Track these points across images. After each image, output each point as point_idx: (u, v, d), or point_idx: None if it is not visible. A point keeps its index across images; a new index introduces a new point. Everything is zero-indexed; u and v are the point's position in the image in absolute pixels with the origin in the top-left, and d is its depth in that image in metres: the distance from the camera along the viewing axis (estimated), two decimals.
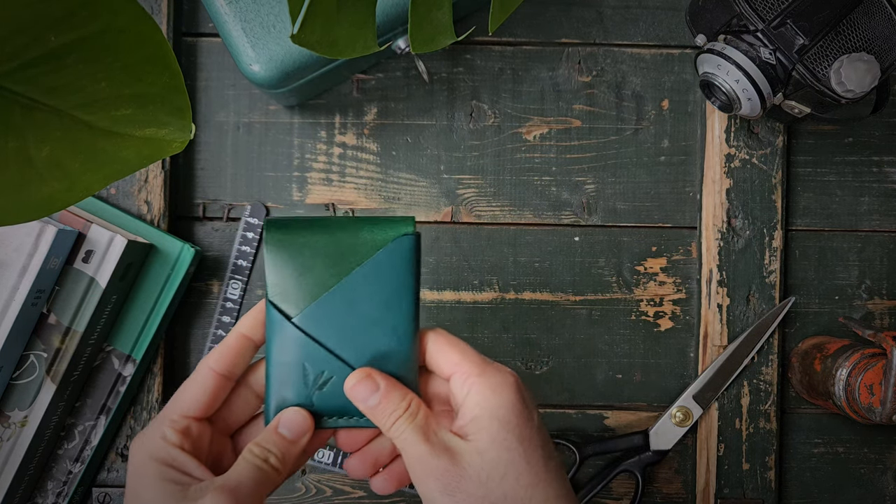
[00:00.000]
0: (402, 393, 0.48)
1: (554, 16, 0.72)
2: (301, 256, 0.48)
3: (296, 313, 0.48)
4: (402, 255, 0.49)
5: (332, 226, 0.49)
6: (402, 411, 0.47)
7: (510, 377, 0.48)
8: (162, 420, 0.47)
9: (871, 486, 0.73)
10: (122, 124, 0.38)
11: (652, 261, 0.73)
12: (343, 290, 0.48)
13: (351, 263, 0.49)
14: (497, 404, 0.46)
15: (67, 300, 0.63)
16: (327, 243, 0.49)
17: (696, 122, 0.72)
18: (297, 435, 0.48)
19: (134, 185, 0.69)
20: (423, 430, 0.47)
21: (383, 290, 0.49)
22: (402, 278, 0.49)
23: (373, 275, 0.48)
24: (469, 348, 0.49)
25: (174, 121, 0.39)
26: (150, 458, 0.46)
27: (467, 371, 0.47)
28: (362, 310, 0.48)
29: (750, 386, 0.71)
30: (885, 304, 0.73)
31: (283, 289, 0.48)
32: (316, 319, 0.48)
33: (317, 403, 0.48)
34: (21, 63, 0.34)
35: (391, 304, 0.49)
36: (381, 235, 0.49)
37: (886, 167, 0.73)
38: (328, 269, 0.48)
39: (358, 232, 0.49)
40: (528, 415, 0.47)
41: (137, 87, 0.37)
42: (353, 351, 0.48)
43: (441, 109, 0.72)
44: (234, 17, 0.62)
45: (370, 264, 0.49)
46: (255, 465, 0.46)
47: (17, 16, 0.33)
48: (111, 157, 0.38)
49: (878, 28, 0.61)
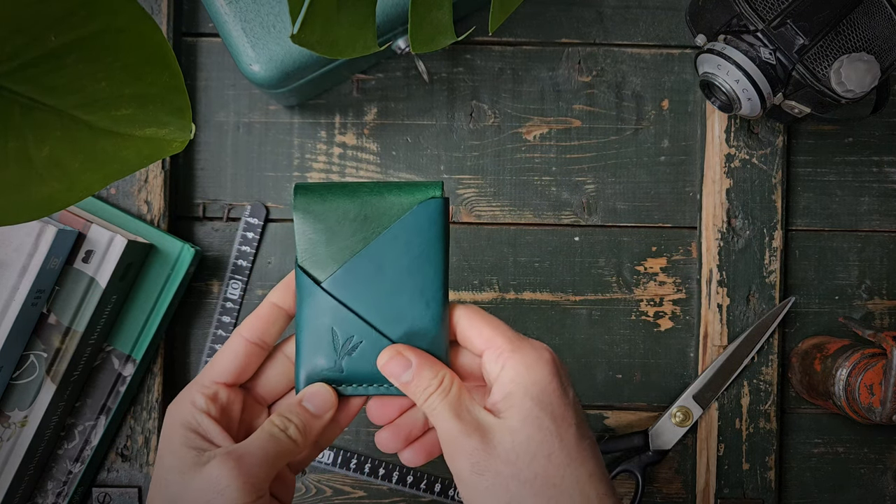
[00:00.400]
0: (434, 369, 0.47)
1: (554, 16, 0.72)
2: (329, 221, 0.48)
3: (324, 278, 0.48)
4: (429, 219, 0.48)
5: (359, 190, 0.49)
6: (434, 387, 0.46)
7: (545, 353, 0.47)
8: (193, 385, 0.47)
9: (871, 486, 0.73)
10: (122, 124, 0.38)
11: (652, 261, 0.73)
12: (370, 254, 0.48)
13: (378, 227, 0.48)
14: (531, 381, 0.45)
15: (67, 300, 0.63)
16: (354, 207, 0.48)
17: (696, 122, 0.72)
18: (321, 410, 0.48)
19: (134, 185, 0.69)
20: (454, 407, 0.46)
21: (410, 253, 0.48)
22: (429, 242, 0.48)
23: (399, 238, 0.48)
24: (502, 324, 0.48)
25: (174, 121, 0.39)
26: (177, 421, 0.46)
27: (500, 346, 0.47)
28: (390, 274, 0.48)
29: (750, 386, 0.71)
30: (885, 304, 0.73)
31: (312, 253, 0.48)
32: (344, 284, 0.48)
33: (346, 369, 0.48)
34: (21, 63, 0.34)
35: (418, 268, 0.48)
36: (407, 199, 0.48)
37: (886, 167, 0.73)
38: (356, 233, 0.48)
39: (385, 195, 0.48)
40: (563, 392, 0.46)
41: (137, 86, 0.37)
42: (381, 315, 0.48)
43: (441, 109, 0.72)
44: (234, 17, 0.62)
45: (396, 227, 0.48)
46: (270, 434, 0.46)
47: (17, 15, 0.33)
48: (111, 157, 0.38)
49: (878, 28, 0.61)
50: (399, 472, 0.71)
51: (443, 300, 0.49)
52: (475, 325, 0.48)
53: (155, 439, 0.70)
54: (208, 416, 0.46)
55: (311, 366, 0.48)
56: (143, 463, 0.70)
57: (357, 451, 0.72)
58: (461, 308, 0.49)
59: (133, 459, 0.70)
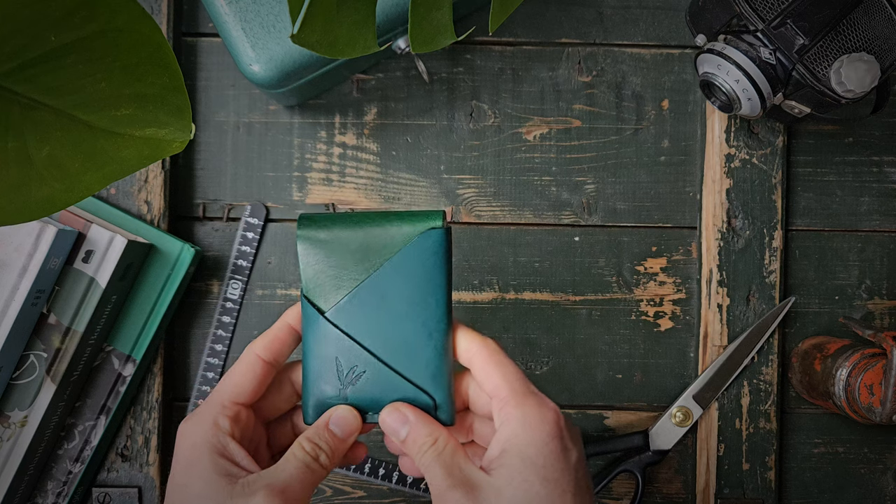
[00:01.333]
0: (430, 427, 0.47)
1: (554, 16, 0.72)
2: (332, 251, 0.49)
3: (328, 308, 0.49)
4: (430, 249, 0.49)
5: (362, 220, 0.50)
6: (428, 445, 0.47)
7: (550, 413, 0.46)
8: (213, 405, 0.47)
9: (871, 486, 0.73)
10: (122, 124, 0.38)
11: (652, 261, 0.73)
12: (373, 285, 0.49)
13: (380, 258, 0.49)
14: (527, 441, 0.45)
15: (67, 300, 0.63)
16: (357, 238, 0.49)
17: (696, 122, 0.72)
18: (346, 433, 0.48)
19: (134, 185, 0.69)
20: (447, 464, 0.46)
21: (412, 284, 0.49)
22: (431, 272, 0.49)
23: (402, 269, 0.49)
24: (514, 371, 0.47)
25: (174, 121, 0.39)
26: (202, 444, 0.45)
27: (506, 399, 0.46)
28: (393, 304, 0.49)
29: (750, 386, 0.71)
30: (885, 304, 0.73)
31: (317, 284, 0.49)
32: (347, 314, 0.49)
33: (350, 398, 0.49)
34: (21, 63, 0.34)
35: (420, 298, 0.49)
36: (409, 229, 0.49)
37: (886, 167, 0.73)
38: (358, 263, 0.49)
39: (387, 226, 0.49)
40: (563, 455, 0.45)
41: (137, 87, 0.37)
42: (384, 346, 0.49)
43: (441, 109, 0.72)
44: (234, 17, 0.62)
45: (398, 258, 0.49)
46: (305, 464, 0.46)
47: (17, 16, 0.33)
48: (111, 157, 0.38)
49: (878, 28, 0.61)
50: (399, 473, 0.71)
51: (446, 330, 0.49)
52: (487, 371, 0.48)
53: (155, 439, 0.70)
54: (233, 440, 0.46)
55: (319, 393, 0.49)
56: (143, 463, 0.70)
57: None
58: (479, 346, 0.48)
59: (133, 459, 0.70)
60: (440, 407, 0.49)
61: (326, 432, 0.48)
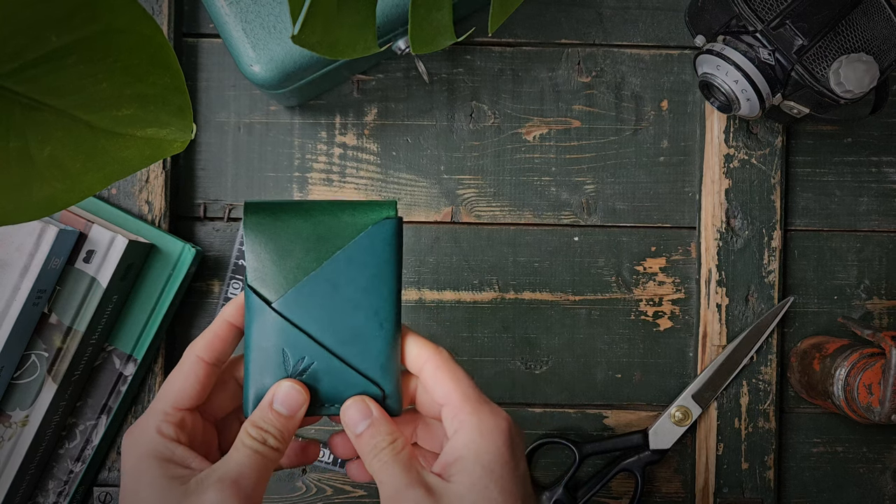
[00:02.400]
0: (391, 427, 0.47)
1: (554, 16, 0.73)
2: (280, 239, 0.48)
3: (275, 298, 0.47)
4: (383, 239, 0.48)
5: (312, 209, 0.48)
6: (386, 444, 0.46)
7: (503, 422, 0.46)
8: (154, 413, 0.46)
9: (870, 485, 0.73)
10: (123, 124, 0.38)
11: (651, 261, 0.73)
12: (324, 275, 0.48)
13: (332, 247, 0.48)
14: (484, 449, 0.45)
15: (69, 300, 0.63)
16: (307, 226, 0.48)
17: (696, 123, 0.73)
18: (293, 409, 0.46)
19: (135, 186, 0.69)
20: (405, 464, 0.45)
21: (364, 274, 0.48)
22: (383, 263, 0.48)
23: (354, 259, 0.48)
24: (466, 379, 0.47)
25: (175, 121, 0.39)
26: (147, 454, 0.44)
27: (459, 406, 0.46)
28: (343, 294, 0.47)
29: (749, 385, 0.71)
30: (884, 304, 0.73)
31: (263, 273, 0.47)
32: (296, 304, 0.47)
33: None
34: (22, 63, 0.35)
35: (373, 288, 0.48)
36: (362, 219, 0.48)
37: (885, 167, 0.73)
38: (308, 252, 0.48)
39: (339, 215, 0.48)
40: (515, 465, 0.45)
41: (138, 87, 0.37)
42: (334, 336, 0.47)
43: (441, 110, 0.72)
44: (235, 17, 0.62)
45: (351, 248, 0.48)
46: (253, 450, 0.45)
47: (18, 16, 0.33)
48: (112, 158, 0.38)
49: (877, 28, 0.61)
50: None
51: (395, 320, 0.48)
52: (438, 377, 0.47)
53: None
54: (179, 444, 0.45)
55: (260, 385, 0.47)
56: None
57: None
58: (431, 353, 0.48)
59: None
60: (389, 397, 0.48)
61: (271, 413, 0.46)
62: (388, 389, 0.48)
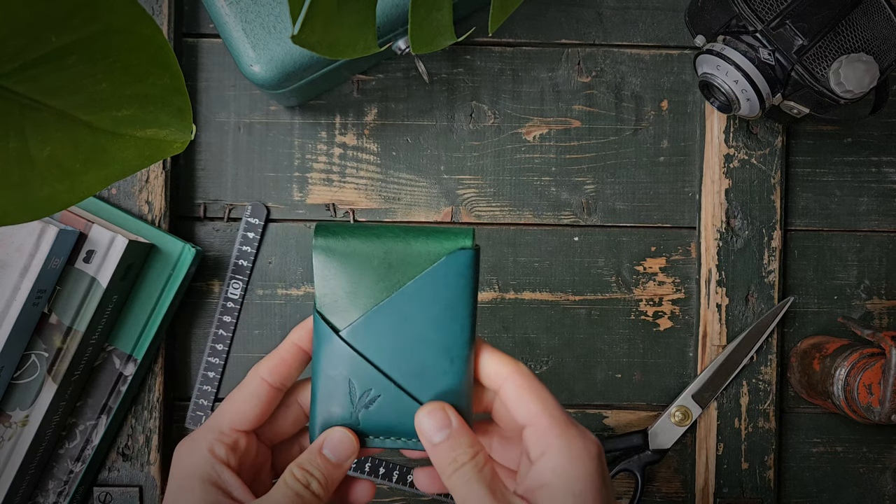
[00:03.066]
0: (472, 439, 0.44)
1: (553, 16, 0.73)
2: (350, 266, 0.46)
3: (343, 326, 0.45)
4: (458, 271, 0.45)
5: (384, 235, 0.46)
6: (467, 458, 0.43)
7: (593, 447, 0.43)
8: (210, 430, 0.45)
9: (870, 485, 0.73)
10: (123, 125, 0.38)
11: (651, 261, 0.73)
12: (394, 305, 0.45)
13: (403, 277, 0.45)
14: (575, 476, 0.42)
15: (69, 300, 0.63)
16: (379, 253, 0.46)
17: (696, 123, 0.73)
18: (342, 458, 0.45)
19: (135, 186, 0.69)
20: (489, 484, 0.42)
21: (437, 307, 0.45)
22: (457, 295, 0.45)
23: (427, 290, 0.45)
24: (551, 399, 0.44)
25: (175, 121, 0.39)
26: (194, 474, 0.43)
27: (546, 428, 0.43)
28: (414, 327, 0.45)
29: (749, 385, 0.71)
30: (884, 304, 0.73)
31: (332, 300, 0.45)
32: (364, 334, 0.45)
33: (362, 422, 0.46)
34: (22, 63, 0.34)
35: (445, 322, 0.45)
36: (436, 248, 0.45)
37: (885, 167, 0.73)
38: (379, 281, 0.45)
39: (411, 242, 0.46)
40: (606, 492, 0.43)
41: (138, 87, 0.37)
42: (402, 370, 0.45)
43: (441, 110, 0.72)
44: (235, 17, 0.62)
45: (424, 279, 0.45)
46: (295, 492, 0.43)
47: (18, 16, 0.33)
48: (112, 158, 0.38)
49: (877, 28, 0.61)
50: (399, 472, 0.72)
51: (468, 356, 0.45)
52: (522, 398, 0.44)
53: (156, 438, 0.70)
54: (228, 469, 0.44)
55: (327, 415, 0.46)
56: (144, 462, 0.70)
57: None
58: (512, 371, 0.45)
59: (134, 459, 0.70)
60: None
61: (319, 457, 0.44)
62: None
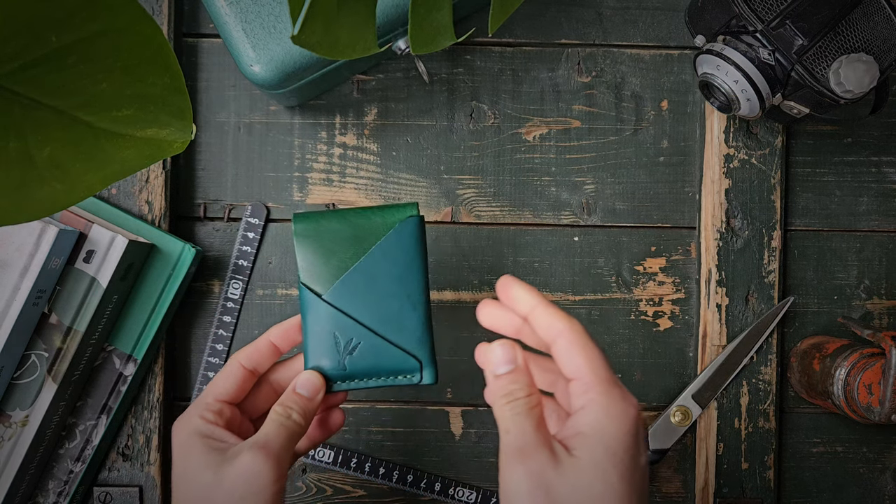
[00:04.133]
0: (530, 381, 0.47)
1: (553, 16, 0.73)
2: (324, 242, 0.57)
3: (324, 291, 0.57)
4: (409, 234, 0.57)
5: (348, 214, 0.58)
6: (523, 395, 0.47)
7: (632, 409, 0.45)
8: (198, 405, 0.55)
9: (870, 485, 0.73)
10: (123, 125, 0.38)
11: (651, 261, 0.73)
12: (362, 268, 0.57)
13: (367, 245, 0.57)
14: (610, 434, 0.44)
15: (69, 300, 0.63)
16: (345, 229, 0.57)
17: (696, 123, 0.73)
18: (312, 393, 0.55)
19: (135, 186, 0.69)
20: (537, 422, 0.45)
21: (396, 265, 0.57)
22: (411, 254, 0.57)
23: (387, 253, 0.57)
24: (599, 357, 0.47)
25: (175, 121, 0.39)
26: (192, 433, 0.53)
27: (589, 383, 0.46)
28: (380, 284, 0.57)
29: (749, 385, 0.71)
30: (884, 304, 0.73)
31: (312, 272, 0.57)
32: (341, 294, 0.57)
33: (349, 367, 0.56)
34: (22, 63, 0.35)
35: (403, 276, 0.57)
36: (389, 219, 0.57)
37: (885, 167, 0.73)
38: (348, 251, 0.57)
39: (370, 217, 0.57)
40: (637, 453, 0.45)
41: (138, 87, 0.37)
42: (375, 319, 0.56)
43: (441, 110, 0.72)
44: (235, 17, 0.62)
45: (383, 244, 0.57)
46: (279, 422, 0.53)
47: (18, 16, 0.33)
48: (112, 158, 0.38)
49: (877, 28, 0.61)
50: (399, 472, 0.72)
51: (425, 303, 0.57)
52: (571, 352, 0.47)
53: (157, 438, 0.70)
54: (218, 426, 0.54)
55: (318, 367, 0.56)
56: (144, 462, 0.70)
57: (357, 451, 0.72)
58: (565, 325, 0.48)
59: (134, 459, 0.70)
60: (425, 367, 0.57)
61: (294, 395, 0.55)
62: (425, 360, 0.57)
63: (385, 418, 0.73)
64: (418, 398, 0.73)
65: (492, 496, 0.72)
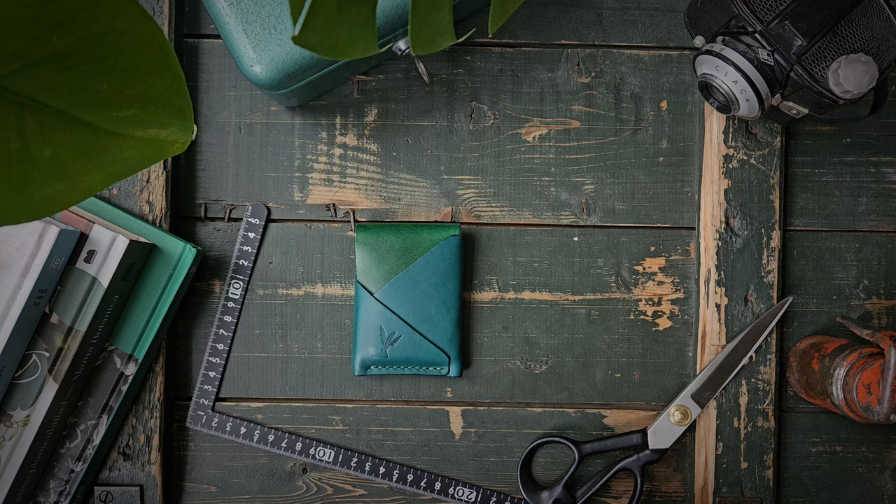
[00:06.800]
0: None
1: (553, 17, 0.73)
2: (380, 249, 0.70)
3: (376, 290, 0.69)
4: (450, 250, 0.70)
5: (402, 228, 0.70)
6: None
7: None
8: None
9: (869, 484, 0.73)
10: (124, 125, 0.38)
11: (650, 261, 0.73)
12: (409, 274, 0.69)
13: (414, 255, 0.69)
14: None
15: (70, 300, 0.63)
16: (398, 240, 0.70)
17: (695, 123, 0.73)
18: None
19: (136, 186, 0.69)
20: None
21: (436, 274, 0.69)
22: (450, 266, 0.70)
23: (430, 264, 0.69)
24: None
25: (176, 121, 0.39)
26: None
27: None
28: (422, 289, 0.69)
29: (748, 385, 0.71)
30: (883, 304, 0.73)
31: (367, 273, 0.70)
32: (390, 294, 0.69)
33: (389, 355, 0.69)
34: (23, 64, 0.35)
35: (442, 284, 0.69)
36: (436, 236, 0.70)
37: (884, 167, 0.73)
38: (398, 259, 0.69)
39: (420, 233, 0.70)
40: None
41: (139, 88, 0.37)
42: (415, 317, 0.69)
43: (441, 110, 0.73)
44: (236, 18, 0.63)
45: (428, 256, 0.69)
46: None
47: (20, 17, 0.33)
48: (113, 158, 0.39)
49: (876, 29, 0.61)
50: (399, 471, 0.72)
51: (459, 308, 0.70)
52: None
53: (157, 438, 0.70)
54: None
55: (364, 353, 0.69)
56: (144, 462, 0.70)
57: (357, 450, 0.72)
58: None
59: (135, 458, 0.70)
60: (453, 362, 0.70)
61: None
62: (453, 356, 0.70)
63: (385, 418, 0.73)
64: (418, 398, 0.73)
65: (491, 495, 0.72)
